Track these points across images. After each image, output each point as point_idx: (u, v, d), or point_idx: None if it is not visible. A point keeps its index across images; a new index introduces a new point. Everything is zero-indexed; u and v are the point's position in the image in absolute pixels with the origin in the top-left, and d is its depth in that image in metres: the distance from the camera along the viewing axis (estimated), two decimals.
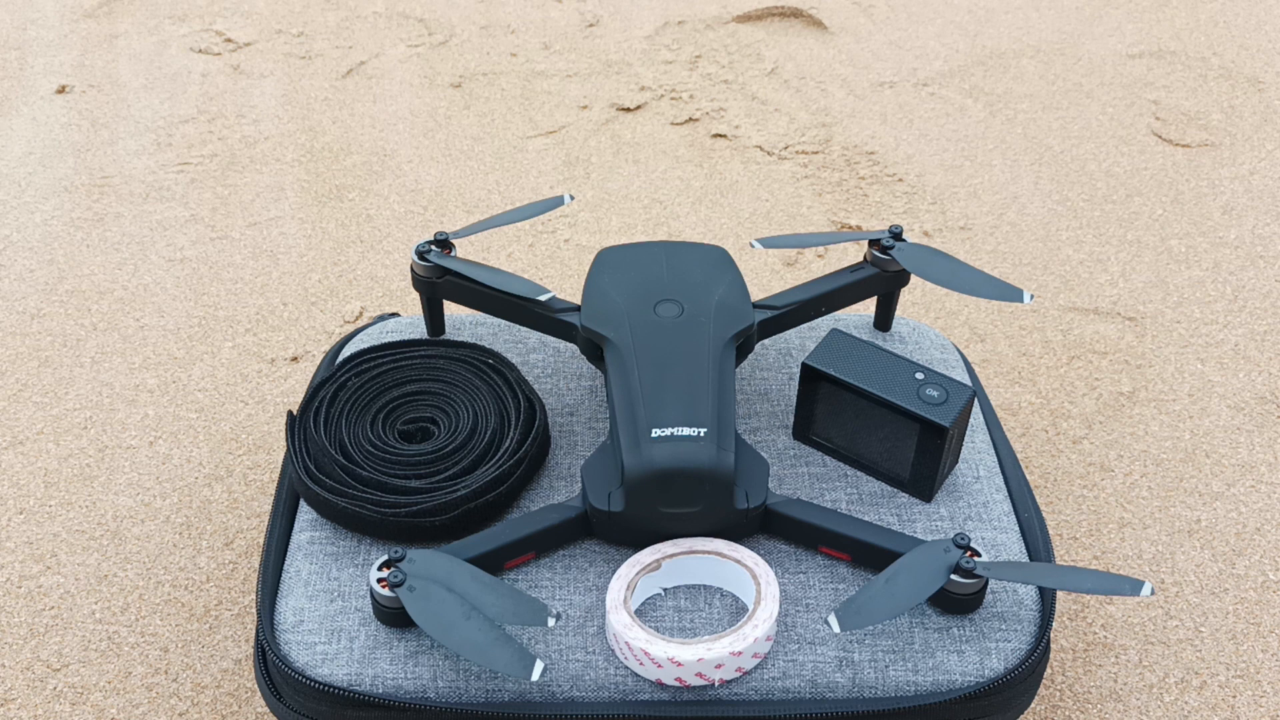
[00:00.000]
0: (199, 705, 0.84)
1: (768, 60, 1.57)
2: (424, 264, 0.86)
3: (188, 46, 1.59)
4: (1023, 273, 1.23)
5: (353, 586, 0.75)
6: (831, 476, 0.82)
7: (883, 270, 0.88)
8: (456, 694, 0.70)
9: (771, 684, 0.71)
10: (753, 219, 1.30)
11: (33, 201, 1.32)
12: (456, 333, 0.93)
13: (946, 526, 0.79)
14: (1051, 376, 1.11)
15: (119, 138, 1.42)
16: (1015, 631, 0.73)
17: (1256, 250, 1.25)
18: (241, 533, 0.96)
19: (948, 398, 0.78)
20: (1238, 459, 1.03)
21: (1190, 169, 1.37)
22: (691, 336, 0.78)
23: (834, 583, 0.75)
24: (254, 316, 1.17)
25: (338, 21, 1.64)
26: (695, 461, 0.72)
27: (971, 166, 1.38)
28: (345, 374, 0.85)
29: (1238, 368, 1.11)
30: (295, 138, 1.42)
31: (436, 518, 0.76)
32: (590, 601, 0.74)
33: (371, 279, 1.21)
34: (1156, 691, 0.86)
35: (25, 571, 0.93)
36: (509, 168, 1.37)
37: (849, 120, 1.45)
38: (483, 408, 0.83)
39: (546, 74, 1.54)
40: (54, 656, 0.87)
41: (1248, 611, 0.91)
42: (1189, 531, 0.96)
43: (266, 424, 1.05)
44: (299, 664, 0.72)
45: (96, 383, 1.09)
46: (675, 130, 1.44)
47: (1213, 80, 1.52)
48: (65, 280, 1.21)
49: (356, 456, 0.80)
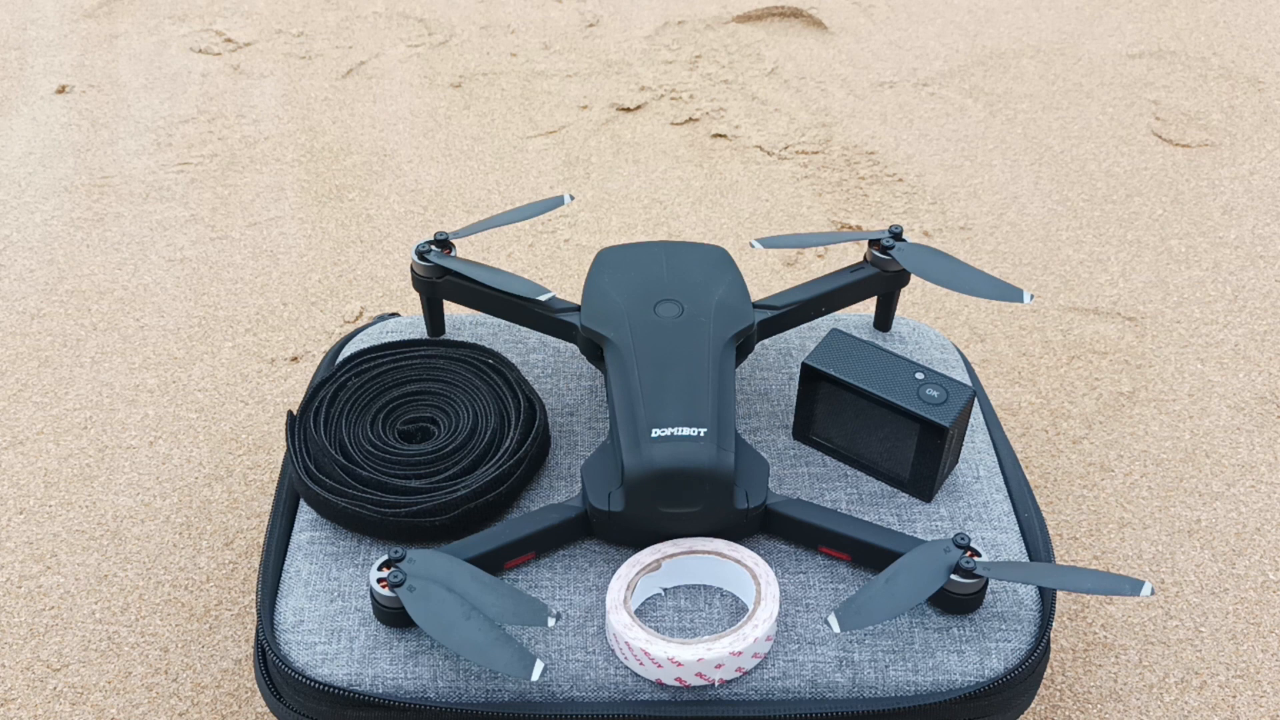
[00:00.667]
0: (199, 705, 0.84)
1: (768, 60, 1.57)
2: (424, 264, 0.86)
3: (188, 46, 1.59)
4: (1023, 273, 1.23)
5: (353, 586, 0.75)
6: (831, 476, 0.82)
7: (883, 270, 0.88)
8: (456, 694, 0.70)
9: (771, 684, 0.71)
10: (753, 219, 1.30)
11: (33, 201, 1.32)
12: (456, 333, 0.93)
13: (946, 526, 0.79)
14: (1051, 376, 1.11)
15: (119, 138, 1.42)
16: (1015, 631, 0.73)
17: (1256, 250, 1.25)
18: (241, 533, 0.96)
19: (948, 398, 0.78)
20: (1238, 459, 1.03)
21: (1190, 169, 1.37)
22: (691, 336, 0.78)
23: (834, 583, 0.75)
24: (254, 316, 1.17)
25: (338, 21, 1.64)
26: (695, 461, 0.72)
27: (971, 166, 1.38)
28: (345, 374, 0.85)
29: (1238, 368, 1.11)
30: (295, 138, 1.42)
31: (436, 518, 0.76)
32: (590, 601, 0.74)
33: (371, 279, 1.21)
34: (1156, 691, 0.86)
35: (25, 571, 0.93)
36: (509, 168, 1.37)
37: (849, 120, 1.45)
38: (483, 408, 0.83)
39: (546, 74, 1.54)
40: (54, 656, 0.87)
41: (1248, 611, 0.91)
42: (1189, 531, 0.96)
43: (266, 424, 1.05)
44: (299, 664, 0.72)
45: (96, 383, 1.09)
46: (675, 130, 1.44)
47: (1213, 80, 1.52)
48: (65, 280, 1.21)
49: (356, 456, 0.80)
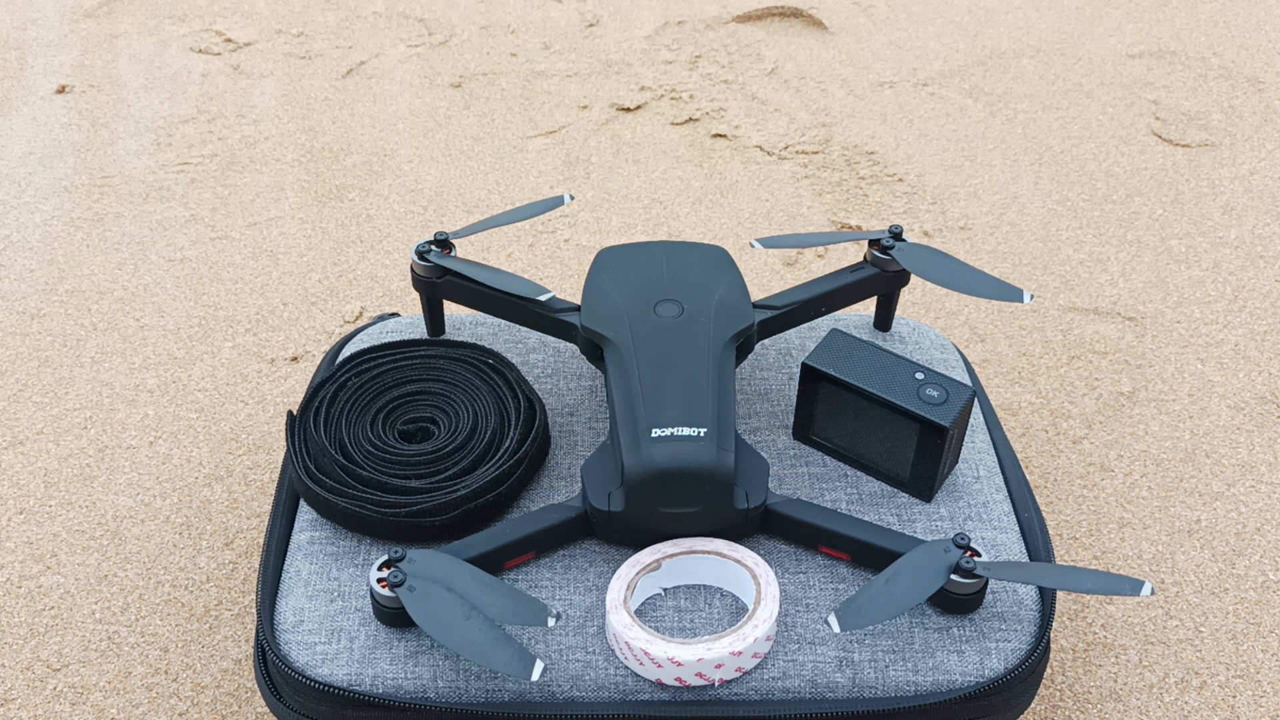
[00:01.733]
0: (199, 705, 0.84)
1: (768, 60, 1.57)
2: (424, 264, 0.86)
3: (188, 46, 1.59)
4: (1023, 273, 1.23)
5: (353, 586, 0.75)
6: (831, 476, 0.82)
7: (883, 270, 0.88)
8: (456, 694, 0.70)
9: (771, 684, 0.71)
10: (752, 219, 1.30)
11: (33, 201, 1.32)
12: (456, 333, 0.93)
13: (946, 526, 0.79)
14: (1051, 376, 1.11)
15: (119, 138, 1.42)
16: (1015, 631, 0.73)
17: (1256, 250, 1.25)
18: (241, 533, 0.96)
19: (948, 398, 0.78)
20: (1238, 459, 1.03)
21: (1190, 169, 1.37)
22: (691, 336, 0.78)
23: (834, 583, 0.75)
24: (254, 316, 1.16)
25: (338, 21, 1.64)
26: (695, 461, 0.72)
27: (971, 166, 1.38)
28: (345, 374, 0.85)
29: (1238, 368, 1.11)
30: (295, 138, 1.42)
31: (436, 518, 0.76)
32: (590, 601, 0.74)
33: (371, 279, 1.21)
34: (1156, 691, 0.86)
35: (25, 571, 0.93)
36: (509, 168, 1.37)
37: (849, 120, 1.45)
38: (483, 408, 0.83)
39: (546, 74, 1.54)
40: (54, 656, 0.87)
41: (1248, 611, 0.91)
42: (1189, 531, 0.96)
43: (266, 424, 1.05)
44: (299, 664, 0.71)
45: (96, 383, 1.09)
46: (675, 130, 1.44)
47: (1213, 80, 1.52)
48: (65, 280, 1.21)
49: (356, 456, 0.80)
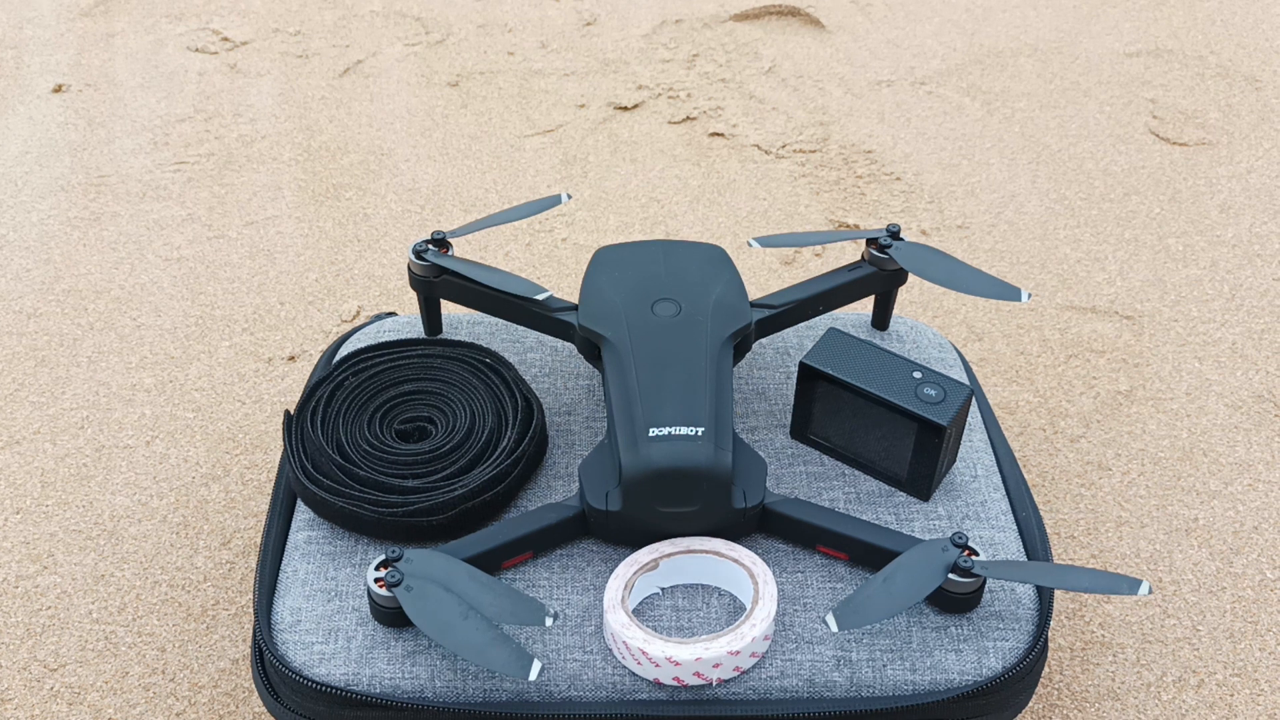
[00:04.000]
0: (196, 705, 0.84)
1: (765, 59, 1.57)
2: (421, 263, 0.86)
3: (184, 45, 1.59)
4: (1020, 271, 1.23)
5: (350, 586, 0.75)
6: (829, 475, 0.82)
7: (880, 269, 0.88)
8: (454, 694, 0.70)
9: (769, 683, 0.71)
10: (750, 218, 1.30)
11: (29, 200, 1.31)
12: (454, 332, 0.92)
13: (944, 525, 0.79)
14: (1049, 375, 1.11)
15: (115, 137, 1.41)
16: (1013, 630, 0.73)
17: (1254, 249, 1.25)
18: (239, 532, 0.96)
19: (945, 396, 0.78)
20: (1235, 457, 1.03)
21: (1188, 168, 1.37)
22: (689, 335, 0.78)
23: (832, 582, 0.75)
24: (251, 316, 1.16)
25: (335, 20, 1.64)
26: (693, 461, 0.72)
27: (969, 165, 1.38)
28: (342, 373, 0.85)
29: (1235, 366, 1.11)
30: (292, 137, 1.42)
31: (434, 517, 0.76)
32: (588, 601, 0.74)
33: (369, 278, 1.21)
34: (1154, 690, 0.86)
35: (22, 571, 0.93)
36: (506, 167, 1.37)
37: (846, 119, 1.45)
38: (480, 407, 0.83)
39: (544, 73, 1.54)
40: (51, 656, 0.87)
41: (1245, 610, 0.91)
42: (1186, 530, 0.96)
43: (263, 423, 1.05)
44: (296, 664, 0.71)
45: (93, 382, 1.09)
46: (673, 129, 1.44)
47: (1210, 79, 1.52)
48: (62, 279, 1.21)
49: (354, 456, 0.80)
